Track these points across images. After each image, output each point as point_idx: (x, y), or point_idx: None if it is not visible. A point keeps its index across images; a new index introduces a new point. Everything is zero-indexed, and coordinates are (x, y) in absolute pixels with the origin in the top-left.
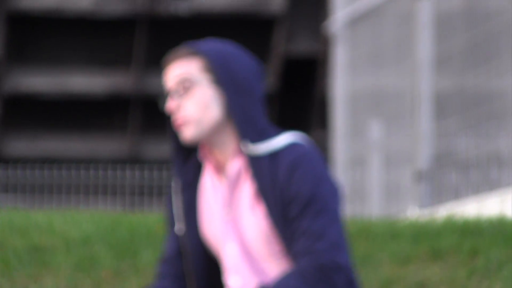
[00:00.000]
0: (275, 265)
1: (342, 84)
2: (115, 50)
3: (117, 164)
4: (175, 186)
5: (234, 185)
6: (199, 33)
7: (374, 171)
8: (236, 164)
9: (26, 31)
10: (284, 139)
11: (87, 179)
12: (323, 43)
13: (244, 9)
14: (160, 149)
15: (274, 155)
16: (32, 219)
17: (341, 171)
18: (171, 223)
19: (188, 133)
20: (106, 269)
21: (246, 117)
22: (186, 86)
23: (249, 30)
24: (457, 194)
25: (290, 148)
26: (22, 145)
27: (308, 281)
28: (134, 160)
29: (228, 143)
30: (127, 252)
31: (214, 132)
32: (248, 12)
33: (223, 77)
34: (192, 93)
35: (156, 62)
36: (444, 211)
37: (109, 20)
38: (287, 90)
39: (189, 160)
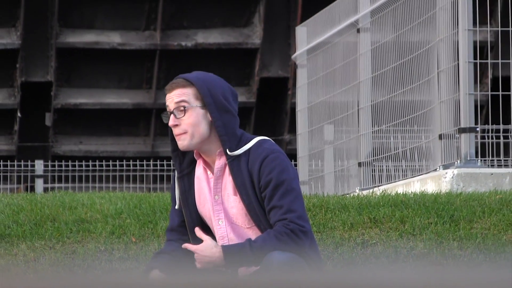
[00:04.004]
0: (251, 231)
1: (303, 98)
2: (140, 74)
3: (142, 159)
4: (176, 175)
5: (219, 178)
6: (199, 62)
7: (328, 162)
8: (220, 163)
9: (71, 60)
10: (254, 140)
11: (119, 170)
12: (291, 68)
13: (232, 43)
14: None
15: (248, 152)
16: (79, 199)
17: (303, 162)
18: (174, 201)
19: (183, 143)
20: (133, 235)
21: (227, 130)
22: (183, 108)
23: (235, 59)
24: (389, 178)
25: (259, 144)
26: (70, 146)
27: (281, 239)
28: (154, 156)
29: (214, 148)
30: (149, 222)
31: (203, 142)
32: (234, 44)
33: (209, 102)
34: (187, 114)
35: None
36: (380, 191)
37: (135, 51)
38: (264, 105)
39: (185, 156)
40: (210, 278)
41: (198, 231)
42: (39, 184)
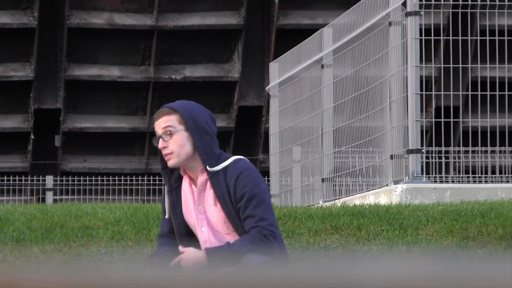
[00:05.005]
0: (230, 237)
1: (275, 124)
2: (136, 103)
3: (137, 175)
4: (166, 189)
5: (201, 191)
6: (187, 92)
7: (296, 178)
8: (202, 178)
9: (78, 91)
10: (231, 158)
11: (118, 185)
12: (265, 98)
13: (214, 76)
14: None
15: (226, 169)
16: (83, 209)
17: (275, 178)
18: (164, 211)
19: (171, 162)
20: (130, 240)
21: (207, 150)
22: (169, 132)
23: (217, 90)
24: (348, 192)
25: (235, 162)
26: (76, 164)
27: (255, 242)
28: (148, 172)
29: (196, 166)
30: (143, 229)
31: (187, 160)
32: (217, 77)
33: (191, 126)
34: (173, 137)
35: None
36: (340, 203)
37: (132, 83)
38: (242, 129)
39: (173, 173)
40: (195, 276)
41: (181, 248)
42: (49, 196)
